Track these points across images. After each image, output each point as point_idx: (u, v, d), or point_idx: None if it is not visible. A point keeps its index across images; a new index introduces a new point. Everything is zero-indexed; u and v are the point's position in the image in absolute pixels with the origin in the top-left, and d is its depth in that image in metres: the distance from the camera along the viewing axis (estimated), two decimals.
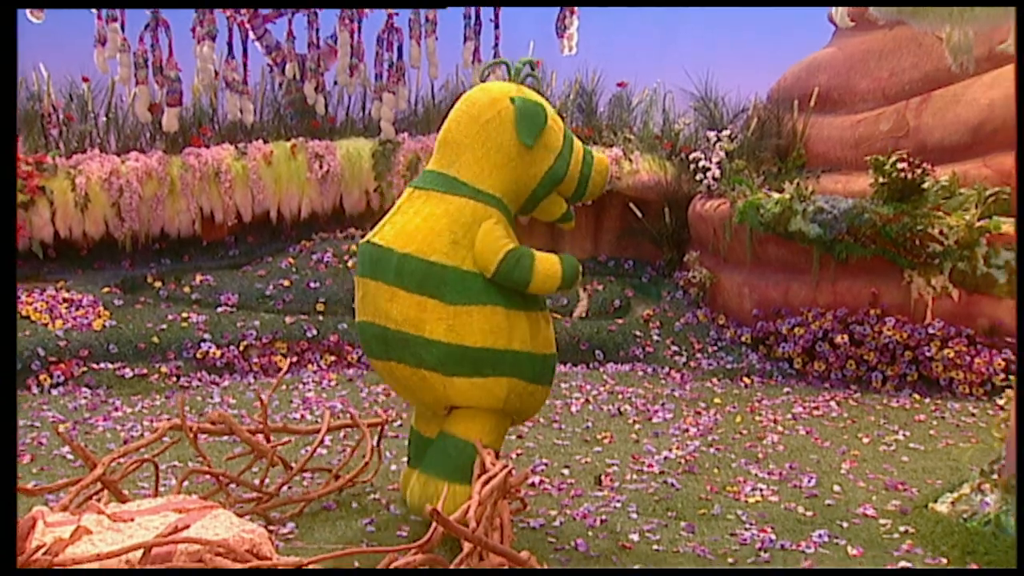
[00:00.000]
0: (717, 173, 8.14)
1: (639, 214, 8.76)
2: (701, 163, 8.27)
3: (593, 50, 9.24)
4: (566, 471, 4.96)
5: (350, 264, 8.15)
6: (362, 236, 8.42)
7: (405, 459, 5.10)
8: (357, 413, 4.94)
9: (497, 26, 9.18)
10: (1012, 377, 4.78)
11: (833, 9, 5.49)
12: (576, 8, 9.12)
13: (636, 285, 8.71)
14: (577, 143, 4.16)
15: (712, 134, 8.45)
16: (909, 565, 3.81)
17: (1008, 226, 6.80)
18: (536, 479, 4.77)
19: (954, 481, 4.63)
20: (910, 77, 8.06)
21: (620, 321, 8.02)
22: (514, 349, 3.88)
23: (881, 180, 7.10)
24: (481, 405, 3.93)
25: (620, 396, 6.65)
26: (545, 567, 3.14)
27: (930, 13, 4.92)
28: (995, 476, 4.24)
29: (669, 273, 8.75)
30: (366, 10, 8.88)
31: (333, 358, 7.42)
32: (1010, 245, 6.73)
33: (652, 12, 11.11)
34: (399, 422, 5.81)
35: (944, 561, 3.84)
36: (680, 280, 8.44)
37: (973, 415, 6.26)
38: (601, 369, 7.55)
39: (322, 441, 4.47)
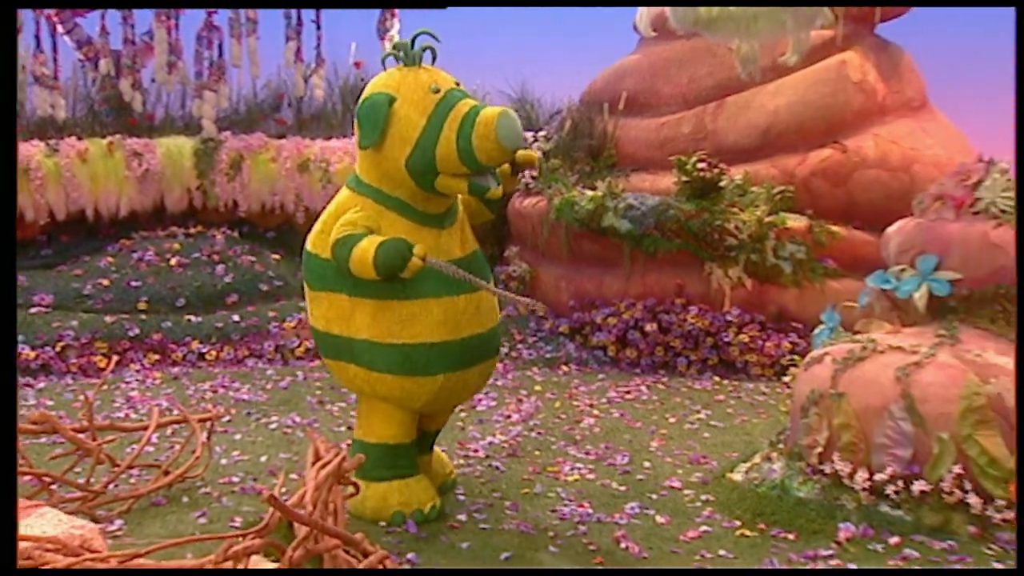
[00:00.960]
0: (535, 172, 8.40)
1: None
2: None
3: None
4: None
5: (172, 263, 7.96)
6: (185, 234, 8.34)
7: (235, 453, 5.09)
8: (186, 410, 4.88)
9: (319, 27, 9.13)
10: (797, 357, 5.23)
11: (637, 18, 5.80)
12: (396, 11, 9.20)
13: None
14: (457, 111, 3.79)
15: (529, 135, 8.71)
16: (709, 530, 4.12)
17: (792, 221, 7.37)
18: None
19: (748, 453, 5.03)
20: (706, 84, 8.52)
21: None
22: (350, 336, 3.97)
23: (684, 179, 7.54)
24: (347, 388, 4.36)
25: None
26: (378, 548, 3.24)
27: (722, 26, 5.31)
28: (781, 446, 4.66)
29: (491, 268, 8.94)
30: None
31: (157, 357, 7.23)
32: (794, 239, 7.31)
33: (470, 14, 11.28)
34: (228, 418, 5.76)
35: (738, 523, 4.17)
36: (501, 274, 8.66)
37: (764, 393, 6.75)
38: None
39: (150, 438, 4.40)
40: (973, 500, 3.94)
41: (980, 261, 4.48)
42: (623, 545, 3.92)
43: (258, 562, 2.95)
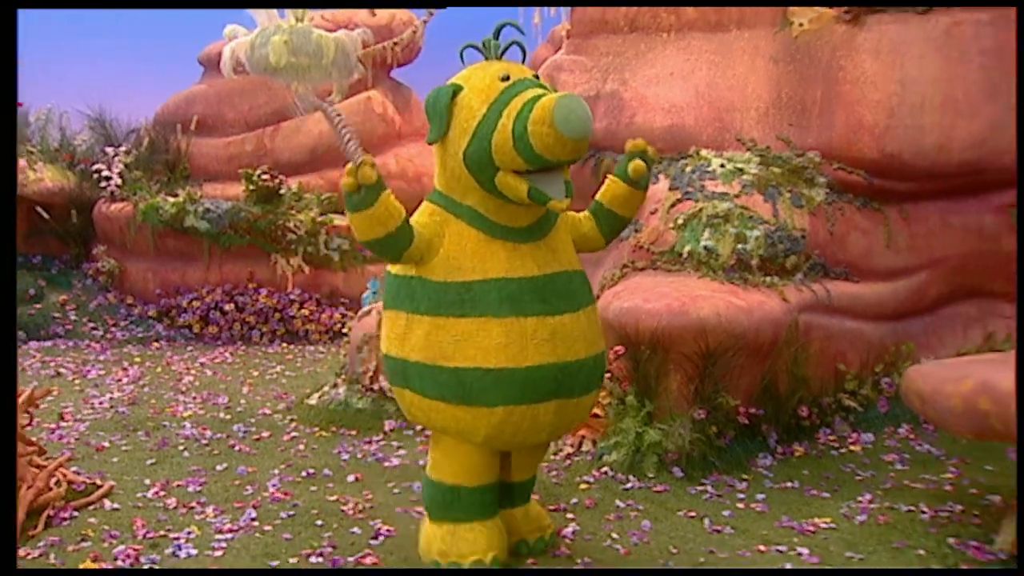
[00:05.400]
0: (119, 181, 8.83)
1: (45, 216, 9.01)
2: (104, 173, 8.87)
3: None
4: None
5: None
6: None
7: None
8: None
9: None
10: (351, 316, 6.54)
11: (223, 63, 6.66)
12: None
13: (47, 276, 8.98)
14: (521, 98, 3.00)
15: (110, 149, 9.08)
16: (297, 435, 5.23)
17: (338, 220, 8.74)
18: None
19: (317, 386, 6.24)
20: (265, 111, 9.54)
21: (38, 306, 8.34)
22: (404, 357, 3.21)
23: (251, 187, 8.56)
24: (409, 419, 3.47)
25: (52, 364, 7.14)
26: (49, 462, 3.94)
27: (285, 73, 6.47)
28: (343, 377, 5.93)
29: (78, 265, 9.18)
30: None
31: None
32: (340, 233, 8.68)
33: (47, 39, 11.11)
34: None
35: (317, 429, 5.35)
36: (89, 270, 8.96)
37: (323, 352, 8.02)
38: (25, 347, 7.85)
39: None
40: None
41: None
42: (237, 448, 4.94)
43: None
